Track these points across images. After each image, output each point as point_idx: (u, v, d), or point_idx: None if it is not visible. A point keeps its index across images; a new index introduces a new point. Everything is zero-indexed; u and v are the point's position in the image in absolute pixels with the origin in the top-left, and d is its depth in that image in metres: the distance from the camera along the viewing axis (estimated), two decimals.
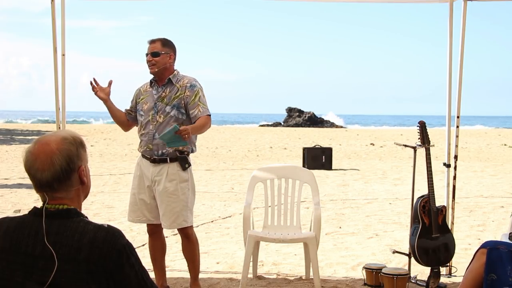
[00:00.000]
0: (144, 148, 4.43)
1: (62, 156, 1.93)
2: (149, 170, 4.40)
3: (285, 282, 4.95)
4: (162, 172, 4.34)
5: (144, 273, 1.93)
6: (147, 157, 4.42)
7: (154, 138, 4.34)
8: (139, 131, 4.49)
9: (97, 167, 14.07)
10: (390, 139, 26.18)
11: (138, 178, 4.48)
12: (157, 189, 4.36)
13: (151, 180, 4.39)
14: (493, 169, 14.74)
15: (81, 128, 35.35)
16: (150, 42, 4.42)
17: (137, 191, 4.46)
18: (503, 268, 3.24)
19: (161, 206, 4.35)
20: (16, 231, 1.93)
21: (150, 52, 4.38)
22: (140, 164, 4.50)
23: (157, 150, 4.35)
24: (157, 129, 4.33)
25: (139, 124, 4.49)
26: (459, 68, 5.16)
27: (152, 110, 4.38)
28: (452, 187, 5.22)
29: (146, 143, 4.41)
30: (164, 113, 4.34)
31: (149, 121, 4.39)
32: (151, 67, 4.38)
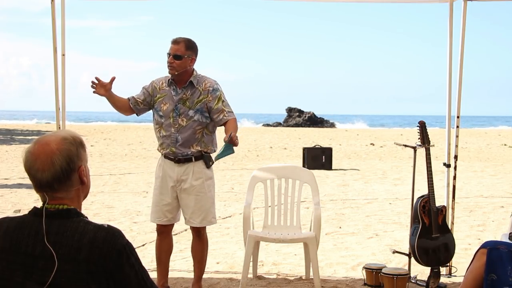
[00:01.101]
0: (167, 151, 4.39)
1: (62, 156, 1.93)
2: (174, 171, 4.37)
3: (285, 282, 4.95)
4: (188, 171, 4.36)
5: (144, 273, 1.93)
6: (171, 158, 4.39)
7: (177, 141, 4.33)
8: (158, 131, 4.42)
9: (97, 167, 14.07)
10: (390, 139, 26.17)
11: (161, 179, 4.42)
12: (183, 188, 4.37)
13: (176, 180, 4.37)
14: (493, 169, 14.73)
15: (81, 128, 35.34)
16: (174, 43, 4.33)
17: (159, 192, 4.43)
18: (503, 268, 3.24)
19: (188, 204, 4.38)
20: (16, 231, 1.93)
21: (173, 54, 4.30)
22: (162, 165, 4.44)
23: (181, 152, 4.36)
24: (179, 132, 4.32)
25: (158, 124, 4.42)
26: (459, 68, 5.16)
27: (172, 112, 4.33)
28: (452, 187, 5.22)
29: (168, 146, 4.37)
30: (187, 117, 4.32)
31: (170, 123, 4.34)
32: (171, 68, 4.32)
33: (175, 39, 4.34)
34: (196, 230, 4.50)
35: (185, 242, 6.42)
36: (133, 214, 8.13)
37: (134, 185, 11.23)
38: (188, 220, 4.45)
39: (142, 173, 13.27)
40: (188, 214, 4.41)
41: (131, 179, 12.15)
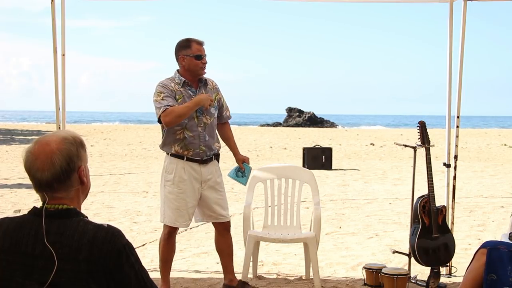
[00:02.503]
0: (195, 151, 4.35)
1: (62, 156, 1.93)
2: (200, 172, 4.38)
3: (285, 282, 4.95)
4: (211, 170, 4.44)
5: (144, 273, 1.93)
6: (196, 160, 4.36)
7: (205, 139, 4.37)
8: (181, 133, 4.33)
9: (97, 167, 14.07)
10: (390, 139, 26.18)
11: (188, 182, 4.36)
12: (208, 187, 4.41)
13: (202, 181, 4.39)
14: (493, 169, 14.73)
15: (81, 128, 35.35)
16: (201, 44, 4.41)
17: (185, 195, 4.36)
18: (503, 268, 3.24)
19: (215, 201, 4.45)
20: (16, 231, 1.93)
21: (205, 55, 4.40)
22: (184, 168, 4.36)
23: (209, 150, 4.41)
24: (206, 131, 4.38)
25: (179, 126, 4.32)
26: (459, 68, 5.16)
27: (195, 111, 4.34)
28: (452, 187, 5.22)
29: (198, 145, 4.35)
30: (210, 114, 4.41)
31: (195, 123, 4.33)
32: (203, 69, 4.39)
33: (201, 41, 4.41)
34: (224, 226, 4.55)
35: (185, 242, 6.43)
36: (133, 214, 8.14)
37: (134, 185, 11.23)
38: (215, 217, 4.48)
39: (142, 173, 13.28)
40: (216, 211, 4.46)
41: (131, 179, 12.15)
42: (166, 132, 4.39)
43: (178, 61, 4.43)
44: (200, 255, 5.88)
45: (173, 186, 4.36)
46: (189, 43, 4.37)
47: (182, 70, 4.42)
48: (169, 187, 4.38)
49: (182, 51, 4.38)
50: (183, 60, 4.38)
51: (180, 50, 4.40)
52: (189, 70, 4.38)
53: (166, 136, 4.40)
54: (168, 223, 4.42)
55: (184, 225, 4.47)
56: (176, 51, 4.43)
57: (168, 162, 4.41)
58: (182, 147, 4.34)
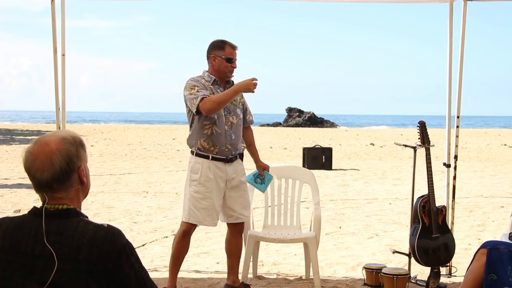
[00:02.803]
0: (220, 149, 4.36)
1: (61, 156, 1.92)
2: (225, 171, 4.39)
3: (285, 282, 4.94)
4: (236, 169, 4.46)
5: (144, 273, 1.93)
6: (222, 158, 4.37)
7: (231, 138, 4.40)
8: (210, 129, 4.33)
9: (97, 167, 14.07)
10: (390, 139, 26.18)
11: (214, 181, 4.36)
12: (232, 186, 4.43)
13: (226, 180, 4.40)
14: (493, 169, 14.73)
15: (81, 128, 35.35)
16: (235, 48, 4.44)
17: (212, 194, 4.36)
18: (503, 268, 3.24)
19: (238, 201, 4.47)
20: (16, 231, 1.93)
21: (236, 59, 4.43)
22: (210, 167, 4.36)
23: (234, 150, 4.44)
24: (232, 130, 4.41)
25: (208, 121, 4.33)
26: (459, 68, 5.16)
27: (223, 110, 4.36)
28: (452, 187, 5.22)
29: (224, 143, 4.36)
30: (236, 115, 4.45)
31: (223, 121, 4.36)
32: (231, 72, 4.43)
33: (235, 45, 4.44)
34: (239, 227, 4.56)
35: None
36: (133, 214, 8.14)
37: (134, 185, 11.23)
38: (236, 217, 4.49)
39: (142, 173, 13.28)
40: (238, 211, 4.48)
41: (131, 179, 12.15)
42: (194, 126, 4.38)
43: (209, 60, 4.45)
44: (200, 255, 5.88)
45: (200, 186, 4.36)
46: (224, 45, 4.41)
47: (211, 69, 4.44)
48: (195, 187, 4.37)
49: (215, 51, 4.41)
50: (214, 60, 4.40)
51: (213, 49, 4.43)
52: (218, 71, 4.41)
53: (194, 130, 4.39)
54: (194, 222, 4.40)
55: (212, 224, 4.46)
56: (209, 50, 4.45)
57: (194, 162, 4.39)
58: (208, 143, 4.35)
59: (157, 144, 22.72)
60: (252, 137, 4.76)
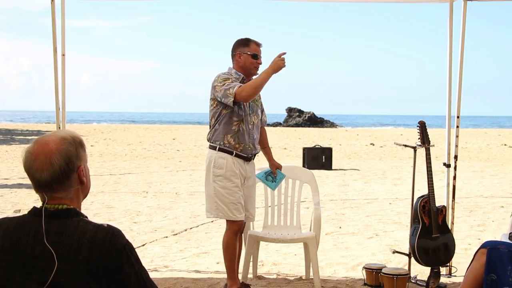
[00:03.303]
0: (245, 147, 4.39)
1: (61, 156, 1.92)
2: (245, 169, 4.45)
3: (285, 282, 4.94)
4: (251, 169, 4.54)
5: (144, 273, 1.93)
6: (244, 156, 4.41)
7: (254, 137, 4.46)
8: (238, 125, 4.36)
9: (97, 167, 14.07)
10: (390, 139, 26.18)
11: (238, 176, 4.40)
12: (248, 185, 4.49)
13: (245, 178, 4.46)
14: (493, 169, 14.73)
15: (81, 128, 35.34)
16: (260, 46, 4.48)
17: (238, 189, 4.40)
18: (503, 268, 3.23)
19: (251, 201, 4.55)
20: (16, 231, 1.93)
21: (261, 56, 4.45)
22: (234, 163, 4.39)
23: (254, 149, 4.50)
24: (254, 129, 4.47)
25: (237, 118, 4.35)
26: (459, 68, 5.15)
27: (248, 109, 4.40)
28: (452, 187, 5.22)
29: (247, 141, 4.40)
30: (257, 115, 4.52)
31: (248, 120, 4.41)
32: (257, 69, 4.44)
33: (260, 43, 4.48)
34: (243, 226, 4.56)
35: (185, 242, 6.43)
36: (133, 214, 8.14)
37: (134, 185, 11.23)
38: (247, 216, 4.54)
39: (142, 173, 13.27)
40: (249, 210, 4.55)
41: (131, 179, 12.15)
42: (222, 121, 4.37)
43: (234, 58, 4.48)
44: (200, 255, 5.88)
45: (226, 181, 4.36)
46: (249, 42, 4.46)
47: (237, 66, 4.47)
48: (221, 182, 4.36)
49: (240, 48, 4.45)
50: (239, 57, 4.43)
51: (238, 47, 4.47)
52: (244, 68, 4.43)
53: (222, 126, 4.37)
54: (223, 217, 4.40)
55: (240, 218, 4.44)
56: (234, 47, 4.49)
57: (217, 157, 4.38)
58: (235, 139, 4.37)
59: (157, 144, 22.71)
60: (266, 136, 4.82)
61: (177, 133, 31.13)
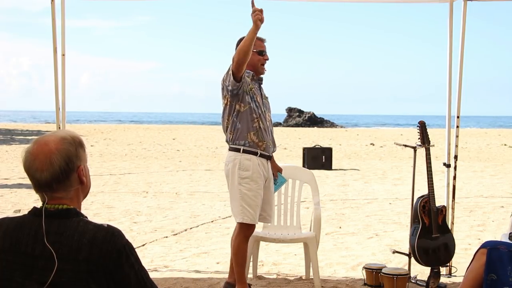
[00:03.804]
0: (267, 144, 4.33)
1: (61, 156, 1.92)
2: (267, 169, 4.39)
3: (285, 282, 4.94)
4: (270, 169, 4.45)
5: (144, 273, 1.93)
6: (266, 155, 4.35)
7: (271, 134, 4.42)
8: (257, 122, 4.28)
9: (97, 167, 14.07)
10: (390, 139, 26.18)
11: (262, 178, 4.32)
12: (268, 185, 4.41)
13: (267, 178, 4.39)
14: (493, 169, 14.73)
15: (81, 128, 35.34)
16: (264, 41, 4.40)
17: (261, 191, 4.32)
18: (503, 268, 3.23)
19: (269, 201, 4.44)
20: (16, 231, 1.93)
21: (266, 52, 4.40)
22: (259, 164, 4.31)
23: (273, 147, 4.44)
24: (270, 126, 4.42)
25: (255, 114, 4.28)
26: (459, 68, 5.16)
27: (263, 106, 4.36)
28: (452, 187, 5.22)
29: (268, 139, 4.35)
30: (269, 111, 4.47)
31: (264, 117, 4.34)
32: (264, 65, 4.40)
33: (263, 38, 4.38)
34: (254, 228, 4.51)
35: (185, 242, 6.43)
36: (133, 214, 8.14)
37: (134, 185, 11.23)
38: (264, 217, 4.45)
39: (142, 173, 13.27)
40: (267, 211, 4.44)
41: (131, 179, 12.15)
42: (243, 120, 4.27)
43: None
44: (200, 255, 5.88)
45: (253, 183, 4.26)
46: None
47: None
48: (247, 185, 4.25)
49: None
50: None
51: None
52: (251, 65, 4.34)
53: (243, 124, 4.27)
54: (250, 222, 4.29)
55: (257, 222, 4.40)
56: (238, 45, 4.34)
57: (243, 159, 4.26)
58: (258, 137, 4.29)
59: (157, 144, 22.71)
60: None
61: (177, 133, 31.14)
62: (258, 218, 4.41)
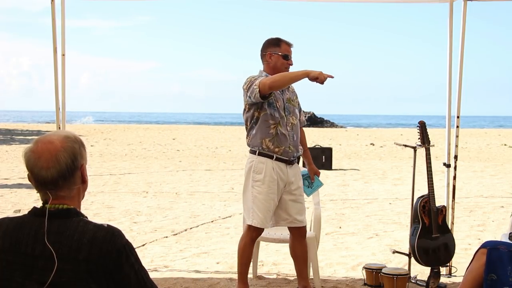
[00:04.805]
0: (285, 150, 4.27)
1: (67, 153, 1.93)
2: (286, 173, 4.30)
3: (285, 282, 4.94)
4: (295, 172, 4.38)
5: (144, 273, 1.93)
6: (284, 159, 4.29)
7: (293, 139, 4.33)
8: (275, 128, 4.24)
9: (97, 167, 14.07)
10: (390, 139, 26.17)
11: (276, 182, 4.26)
12: (291, 190, 4.33)
13: (286, 182, 4.32)
14: (493, 169, 14.73)
15: (81, 128, 35.34)
16: (291, 46, 4.39)
17: (274, 196, 4.28)
18: (503, 268, 3.24)
19: (295, 205, 4.35)
20: (16, 231, 1.93)
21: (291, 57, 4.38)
22: (274, 167, 4.26)
23: (296, 151, 4.37)
24: (294, 131, 4.34)
25: (273, 120, 4.23)
26: (459, 68, 5.15)
27: (284, 110, 4.30)
28: (452, 187, 5.22)
29: (287, 144, 4.28)
30: (295, 115, 4.40)
31: (285, 122, 4.28)
32: (287, 69, 4.35)
33: (291, 43, 4.39)
34: (300, 231, 4.44)
35: (185, 242, 6.43)
36: (133, 214, 8.14)
37: (134, 185, 11.23)
38: (291, 221, 4.37)
39: (142, 173, 13.27)
40: (293, 215, 4.35)
41: (131, 179, 12.15)
42: (259, 125, 4.26)
43: (264, 58, 4.37)
44: (200, 255, 5.88)
45: (263, 186, 4.23)
46: (280, 42, 4.35)
47: (267, 67, 4.36)
48: (259, 188, 4.25)
49: (271, 48, 4.34)
50: (270, 57, 4.33)
51: (268, 47, 4.36)
52: (275, 68, 4.31)
53: (258, 130, 4.26)
54: (258, 225, 4.26)
55: (270, 226, 4.38)
56: (264, 47, 4.38)
57: (257, 162, 4.26)
58: (273, 143, 4.25)
59: (157, 144, 22.71)
60: (304, 137, 4.67)
61: (177, 133, 31.13)
62: (285, 222, 4.38)
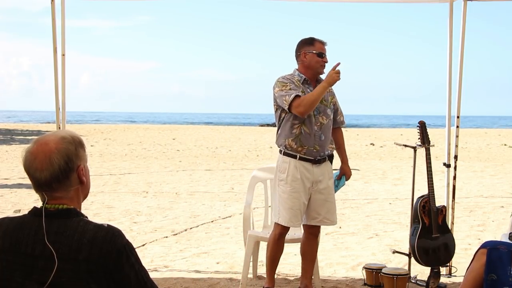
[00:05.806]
0: (309, 149, 4.28)
1: (60, 156, 1.93)
2: (312, 172, 4.31)
3: (285, 282, 4.94)
4: (323, 171, 4.37)
5: (144, 273, 1.93)
6: (309, 159, 4.30)
7: (320, 139, 4.32)
8: (298, 128, 4.27)
9: (97, 167, 14.06)
10: (390, 139, 26.17)
11: (300, 181, 4.27)
12: (319, 189, 4.34)
13: (313, 181, 4.32)
14: (493, 169, 14.73)
15: (81, 128, 35.34)
16: (325, 44, 4.41)
17: (298, 195, 4.28)
18: (503, 268, 3.23)
19: (324, 204, 4.37)
20: (16, 231, 1.93)
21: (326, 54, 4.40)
22: (297, 167, 4.28)
23: (323, 151, 4.36)
24: (322, 130, 4.33)
25: (297, 120, 4.26)
26: (459, 68, 5.16)
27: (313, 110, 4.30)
28: (452, 187, 5.22)
29: (312, 143, 4.28)
30: (326, 115, 4.37)
31: (312, 121, 4.28)
32: (323, 67, 4.37)
33: (324, 41, 4.41)
34: (316, 230, 4.47)
35: (185, 242, 6.43)
36: (133, 214, 8.14)
37: (134, 185, 11.23)
38: (320, 219, 4.39)
39: (142, 173, 13.27)
40: (322, 214, 4.37)
41: (131, 179, 12.15)
42: (283, 125, 4.31)
43: (299, 58, 4.39)
44: (200, 255, 5.88)
45: (286, 186, 4.28)
46: (313, 41, 4.38)
47: (302, 67, 4.38)
48: (283, 187, 4.30)
49: (305, 47, 4.36)
50: (304, 56, 4.35)
51: (303, 46, 4.38)
52: (309, 67, 4.34)
53: (282, 129, 4.32)
54: (282, 223, 4.30)
55: (297, 225, 4.39)
56: (298, 47, 4.40)
57: (281, 161, 4.31)
58: (296, 143, 4.27)
59: (157, 144, 22.71)
60: (342, 138, 4.67)
61: (177, 133, 31.13)
62: (316, 221, 4.40)
